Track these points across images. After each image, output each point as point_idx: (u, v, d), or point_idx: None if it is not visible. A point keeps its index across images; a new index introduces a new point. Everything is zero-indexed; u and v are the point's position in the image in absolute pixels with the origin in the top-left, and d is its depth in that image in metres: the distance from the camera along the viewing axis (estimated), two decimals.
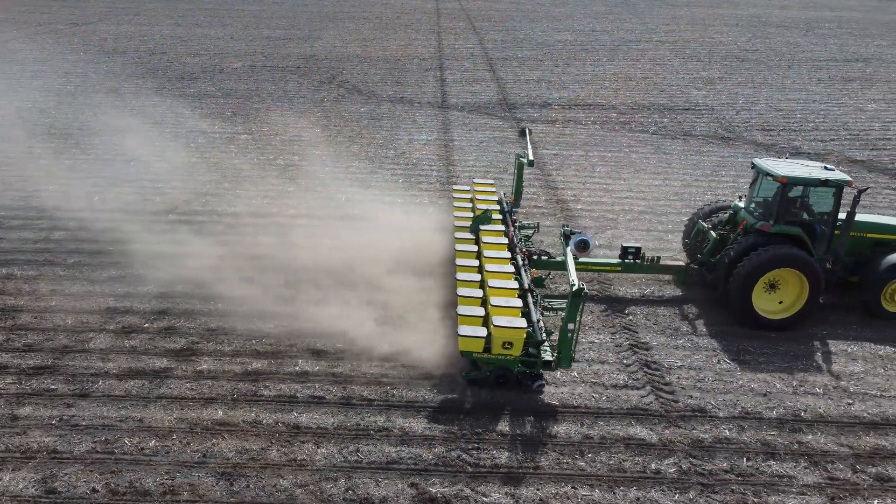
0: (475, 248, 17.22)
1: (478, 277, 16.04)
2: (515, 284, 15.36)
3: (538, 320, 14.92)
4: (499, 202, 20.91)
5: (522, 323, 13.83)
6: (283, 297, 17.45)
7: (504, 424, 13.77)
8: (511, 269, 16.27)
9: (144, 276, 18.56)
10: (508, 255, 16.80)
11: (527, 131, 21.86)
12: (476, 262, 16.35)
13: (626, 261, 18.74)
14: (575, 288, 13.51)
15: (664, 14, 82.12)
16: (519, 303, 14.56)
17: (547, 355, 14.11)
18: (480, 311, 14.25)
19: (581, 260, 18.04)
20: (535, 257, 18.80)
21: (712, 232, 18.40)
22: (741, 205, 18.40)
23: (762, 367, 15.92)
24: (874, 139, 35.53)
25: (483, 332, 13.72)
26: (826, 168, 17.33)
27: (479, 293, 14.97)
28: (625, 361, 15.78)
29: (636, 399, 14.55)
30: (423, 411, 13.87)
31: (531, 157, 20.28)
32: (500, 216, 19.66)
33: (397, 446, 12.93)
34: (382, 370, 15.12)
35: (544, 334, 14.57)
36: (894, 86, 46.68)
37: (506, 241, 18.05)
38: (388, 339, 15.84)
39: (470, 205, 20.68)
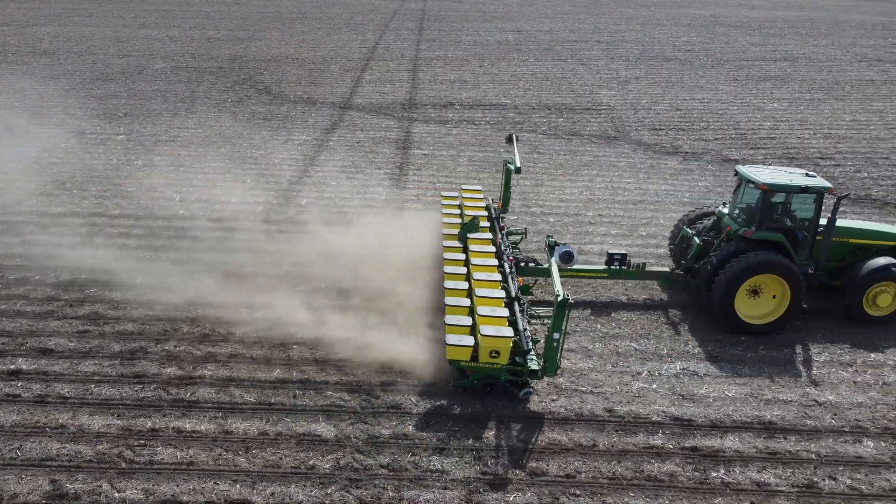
0: (463, 255, 17.18)
1: (465, 286, 16.01)
2: (503, 293, 15.39)
3: (525, 329, 15.05)
4: (487, 209, 20.84)
5: (509, 332, 13.90)
6: (35, 295, 17.66)
7: (197, 422, 14.27)
8: (498, 277, 16.25)
9: None
10: (496, 262, 16.82)
11: (514, 138, 21.99)
12: (464, 270, 16.36)
13: (612, 267, 18.95)
14: (560, 298, 13.66)
15: (624, 14, 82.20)
16: (506, 312, 14.63)
17: (533, 364, 14.28)
18: (468, 321, 14.38)
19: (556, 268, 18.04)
20: (522, 264, 18.87)
21: (696, 238, 18.60)
22: (725, 211, 18.63)
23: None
24: (758, 139, 35.74)
25: (470, 340, 13.87)
26: (807, 175, 17.48)
27: (467, 302, 15.07)
28: None
29: (336, 397, 14.67)
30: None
31: (518, 164, 20.31)
32: (487, 223, 19.67)
33: (65, 444, 13.17)
34: (99, 368, 15.31)
35: (531, 343, 14.73)
36: (806, 84, 46.70)
37: (493, 248, 18.15)
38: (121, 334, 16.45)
39: (458, 211, 20.38)
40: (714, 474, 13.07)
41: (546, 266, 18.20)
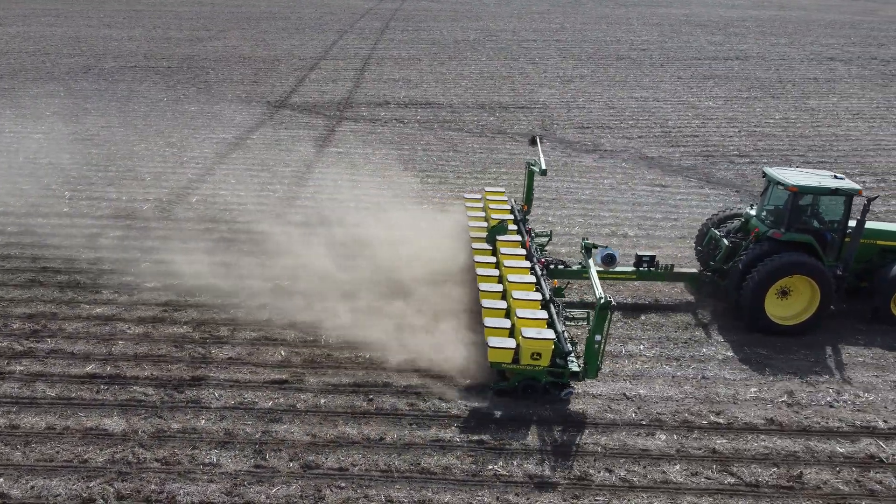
0: (494, 258, 17.27)
1: (500, 288, 16.00)
2: (539, 296, 15.47)
3: (563, 331, 14.97)
4: (511, 211, 20.39)
5: (550, 334, 14.04)
6: None
7: None
8: (532, 279, 16.25)
9: None
10: (528, 265, 16.85)
11: (538, 140, 21.92)
12: (496, 273, 16.44)
13: (641, 269, 18.92)
14: (602, 301, 13.73)
15: (598, 13, 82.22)
16: (544, 314, 14.72)
17: (574, 365, 14.35)
18: (507, 323, 14.51)
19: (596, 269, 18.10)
20: (551, 266, 18.59)
21: (724, 240, 18.56)
22: (752, 213, 18.68)
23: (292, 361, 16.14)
24: (681, 136, 35.78)
25: (512, 343, 13.99)
26: (836, 177, 17.47)
27: (504, 304, 15.22)
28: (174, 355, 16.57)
29: (140, 392, 14.75)
30: None
31: (543, 166, 20.26)
32: (514, 226, 19.66)
33: None
34: None
35: (569, 345, 14.72)
36: (748, 83, 46.76)
37: (524, 251, 17.83)
38: None
39: (483, 214, 20.24)
40: (490, 467, 13.08)
41: (575, 268, 18.75)
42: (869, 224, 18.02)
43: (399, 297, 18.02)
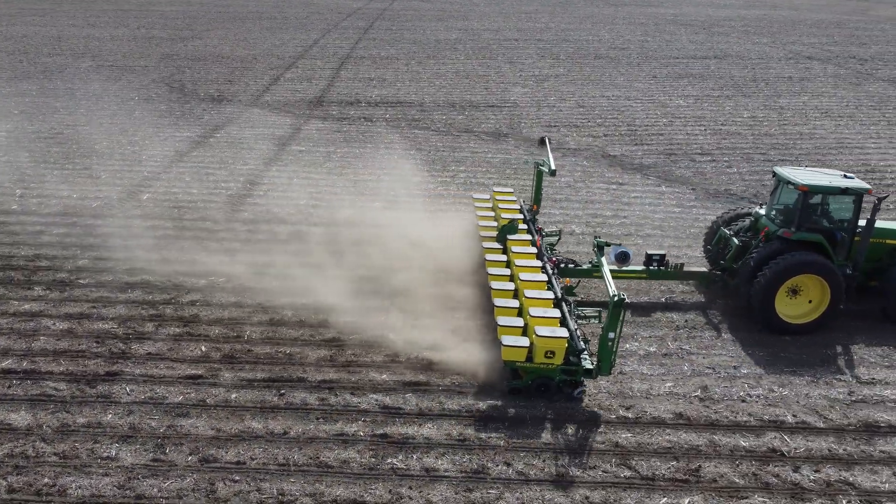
0: (505, 257, 17.39)
1: (512, 287, 16.09)
2: (551, 294, 15.55)
3: (575, 329, 15.08)
4: (520, 210, 20.42)
5: (563, 332, 14.12)
6: None
7: None
8: (544, 277, 16.37)
9: None
10: (539, 264, 16.97)
11: (546, 140, 22.10)
12: (508, 272, 16.53)
13: (651, 268, 18.95)
14: (616, 298, 13.78)
15: (585, 12, 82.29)
16: (557, 313, 14.79)
17: (587, 363, 14.43)
18: (520, 322, 14.61)
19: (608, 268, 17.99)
20: (561, 265, 18.68)
21: (734, 239, 18.57)
22: (762, 212, 18.71)
23: (211, 356, 16.15)
24: (647, 135, 35.81)
25: (525, 341, 14.09)
26: (846, 176, 17.48)
27: (516, 303, 15.33)
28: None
29: (51, 387, 14.81)
30: None
31: (553, 166, 20.32)
32: (524, 225, 19.32)
33: None
34: None
35: (582, 343, 14.79)
36: (721, 82, 46.73)
37: (535, 250, 17.88)
38: None
39: (493, 213, 20.33)
40: (389, 461, 13.12)
41: (586, 266, 18.86)
42: (879, 223, 18.02)
43: (335, 291, 18.24)
